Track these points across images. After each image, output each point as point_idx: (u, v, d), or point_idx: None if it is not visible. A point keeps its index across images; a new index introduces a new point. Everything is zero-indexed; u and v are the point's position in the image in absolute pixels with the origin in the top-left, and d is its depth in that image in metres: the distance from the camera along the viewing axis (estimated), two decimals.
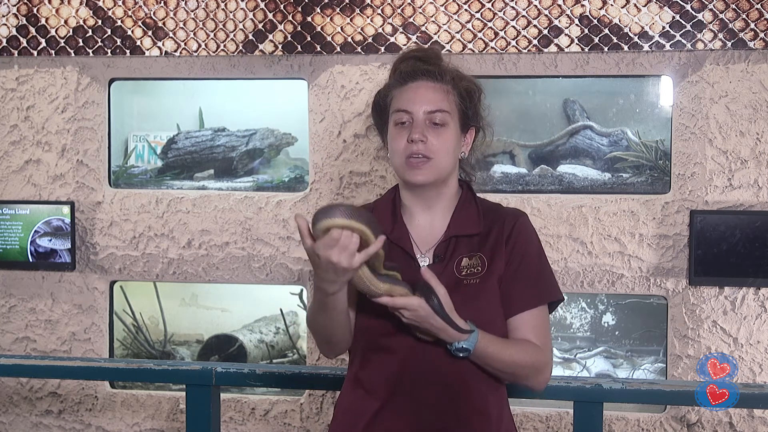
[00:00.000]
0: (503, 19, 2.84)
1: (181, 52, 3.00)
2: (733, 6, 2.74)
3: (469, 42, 2.85)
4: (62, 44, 3.04)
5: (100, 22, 3.02)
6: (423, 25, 2.87)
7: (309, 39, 2.92)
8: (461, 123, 1.74)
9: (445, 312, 1.54)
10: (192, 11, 2.98)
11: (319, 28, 2.92)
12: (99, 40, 3.03)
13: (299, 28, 2.92)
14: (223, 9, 2.96)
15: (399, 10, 2.88)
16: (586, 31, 2.81)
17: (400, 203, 1.77)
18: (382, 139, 1.82)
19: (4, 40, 3.08)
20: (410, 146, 1.68)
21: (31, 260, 3.09)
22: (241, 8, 2.95)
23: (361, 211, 1.50)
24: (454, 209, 1.75)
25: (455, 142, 1.72)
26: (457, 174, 1.79)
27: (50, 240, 3.06)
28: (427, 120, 1.69)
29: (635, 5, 2.78)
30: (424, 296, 1.54)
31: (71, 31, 3.04)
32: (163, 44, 3.00)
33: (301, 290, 3.27)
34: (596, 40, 2.80)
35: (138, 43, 3.01)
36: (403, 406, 1.64)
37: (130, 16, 3.01)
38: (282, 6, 2.93)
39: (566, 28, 2.81)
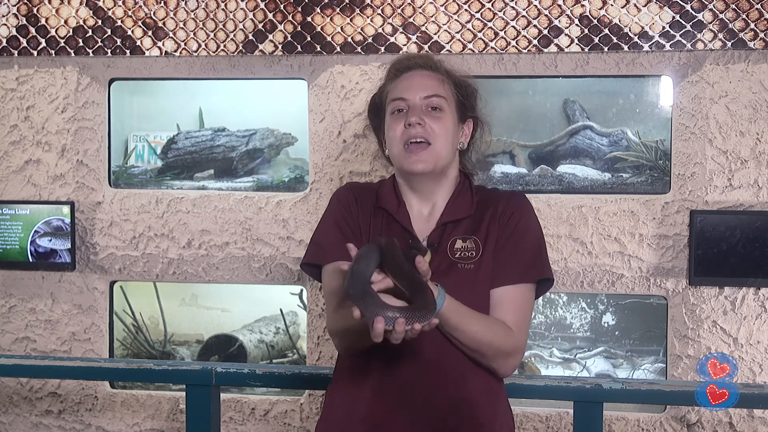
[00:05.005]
0: (503, 19, 2.84)
1: (181, 52, 3.00)
2: (733, 6, 2.74)
3: (469, 42, 2.85)
4: (62, 44, 3.04)
5: (100, 22, 3.02)
6: (423, 25, 2.87)
7: (309, 39, 2.92)
8: (458, 112, 1.74)
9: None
10: (192, 11, 2.98)
11: (319, 28, 2.92)
12: (99, 40, 3.03)
13: (299, 28, 2.92)
14: (223, 9, 2.96)
15: (399, 10, 2.88)
16: (586, 31, 2.81)
17: (399, 191, 1.77)
18: (378, 139, 1.82)
19: (4, 40, 3.08)
20: (408, 131, 1.68)
21: (31, 260, 3.09)
22: (241, 8, 2.95)
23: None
24: (449, 198, 1.75)
25: (453, 129, 1.72)
26: (457, 166, 1.79)
27: (50, 240, 3.06)
28: (424, 105, 1.69)
29: (635, 5, 2.78)
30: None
31: (71, 31, 3.04)
32: (163, 44, 3.00)
33: (301, 290, 3.27)
34: (596, 40, 2.80)
35: (138, 43, 3.01)
36: (396, 396, 1.64)
37: (130, 16, 3.01)
38: (282, 6, 2.93)
39: (566, 28, 2.81)
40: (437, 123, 1.68)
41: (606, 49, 2.80)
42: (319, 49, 2.92)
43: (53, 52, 3.05)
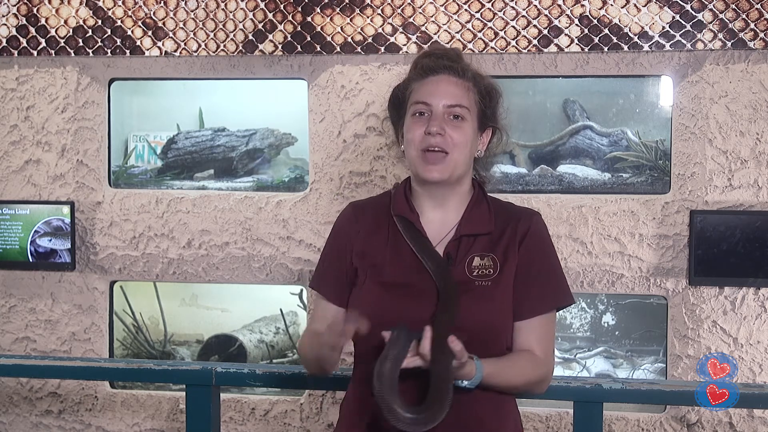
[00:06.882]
0: (503, 19, 2.84)
1: (181, 52, 3.00)
2: (733, 6, 2.74)
3: (469, 42, 2.85)
4: (62, 44, 3.04)
5: (100, 22, 3.02)
6: (423, 25, 2.87)
7: (309, 39, 2.92)
8: (479, 121, 1.73)
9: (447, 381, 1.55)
10: (192, 11, 2.98)
11: (319, 28, 2.92)
12: (99, 40, 3.03)
13: (299, 28, 2.92)
14: (223, 9, 2.96)
15: (399, 10, 2.88)
16: (586, 31, 2.81)
17: (411, 196, 1.77)
18: (396, 133, 1.81)
19: (4, 40, 3.08)
20: (427, 138, 1.67)
21: (31, 260, 3.09)
22: (241, 8, 2.95)
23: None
24: (465, 208, 1.75)
25: (472, 138, 1.71)
26: (471, 173, 1.79)
27: (50, 240, 3.06)
28: (446, 114, 1.68)
29: (635, 5, 2.78)
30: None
31: (71, 31, 3.04)
32: (163, 44, 3.00)
33: (301, 290, 3.27)
34: (596, 40, 2.80)
35: (138, 43, 3.01)
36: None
37: (130, 16, 3.01)
38: (282, 6, 2.93)
39: (566, 28, 2.81)
40: (457, 132, 1.68)
41: (606, 49, 2.80)
42: (319, 49, 2.92)
43: (53, 52, 3.05)
